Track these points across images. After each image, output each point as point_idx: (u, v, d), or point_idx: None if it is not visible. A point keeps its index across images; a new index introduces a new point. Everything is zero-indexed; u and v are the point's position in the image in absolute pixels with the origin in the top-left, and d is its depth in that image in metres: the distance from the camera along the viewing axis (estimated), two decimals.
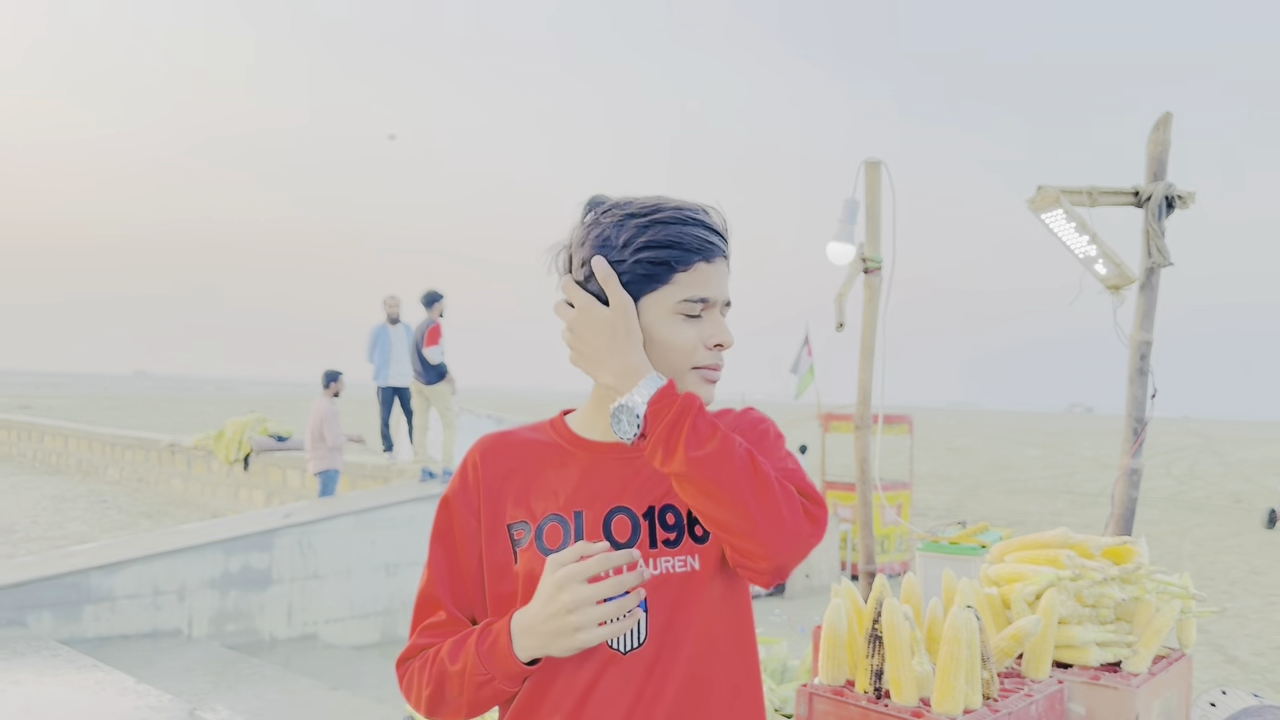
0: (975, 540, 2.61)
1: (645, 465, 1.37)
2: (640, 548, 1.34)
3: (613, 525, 1.35)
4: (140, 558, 7.59)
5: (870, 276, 3.01)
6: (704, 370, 1.36)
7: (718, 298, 1.35)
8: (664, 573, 1.33)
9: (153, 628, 7.52)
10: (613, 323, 1.30)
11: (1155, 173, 3.13)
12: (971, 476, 31.11)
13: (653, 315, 1.33)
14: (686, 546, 1.35)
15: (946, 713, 1.73)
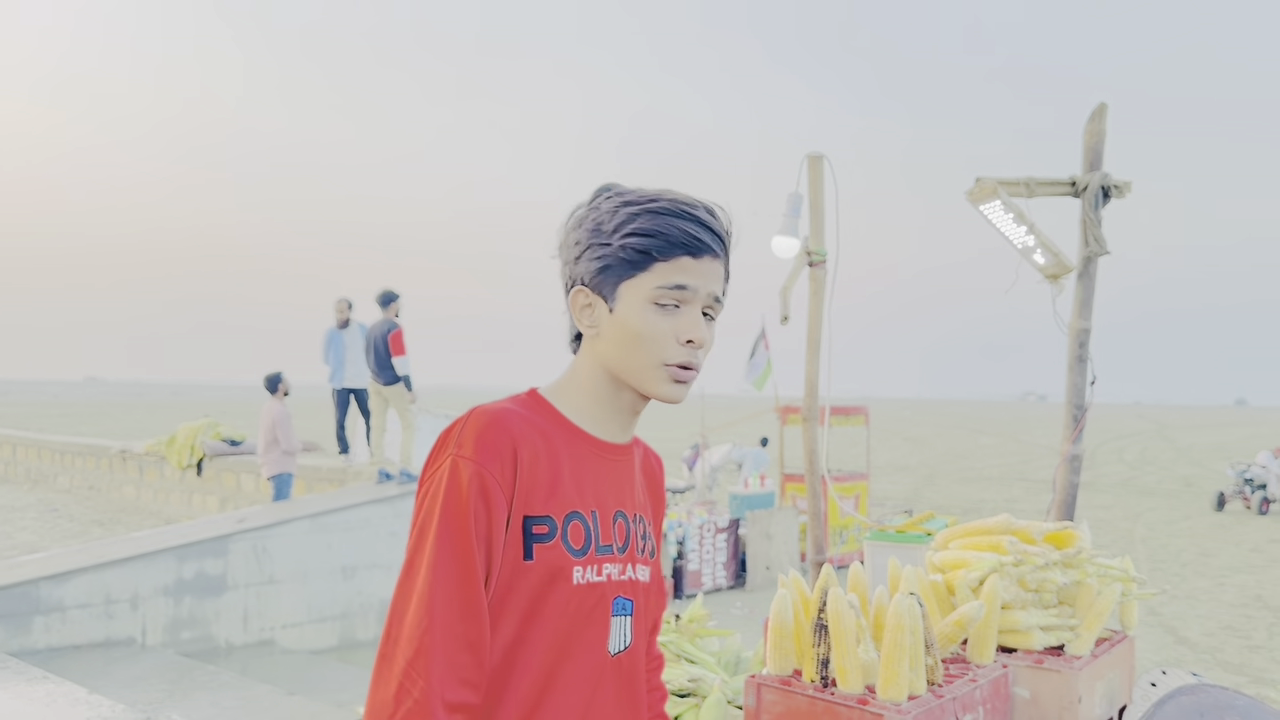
0: (921, 528, 2.65)
1: (628, 471, 1.40)
2: (631, 551, 1.36)
3: (616, 527, 1.35)
4: (91, 566, 7.45)
5: (815, 270, 3.04)
6: (673, 369, 1.30)
7: (698, 288, 1.29)
8: (643, 580, 1.39)
9: (105, 637, 7.39)
10: None
11: (1091, 163, 3.18)
12: (928, 466, 31.47)
13: (629, 302, 1.30)
14: (646, 557, 1.41)
15: (891, 699, 1.75)
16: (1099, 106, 3.14)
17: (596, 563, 1.30)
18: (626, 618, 1.34)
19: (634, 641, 1.35)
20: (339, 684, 6.93)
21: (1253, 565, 14.02)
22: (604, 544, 1.32)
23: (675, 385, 1.31)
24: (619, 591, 1.33)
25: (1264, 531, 17.68)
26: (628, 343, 1.30)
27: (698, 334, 1.30)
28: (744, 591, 11.34)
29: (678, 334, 1.29)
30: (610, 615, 1.31)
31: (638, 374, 1.31)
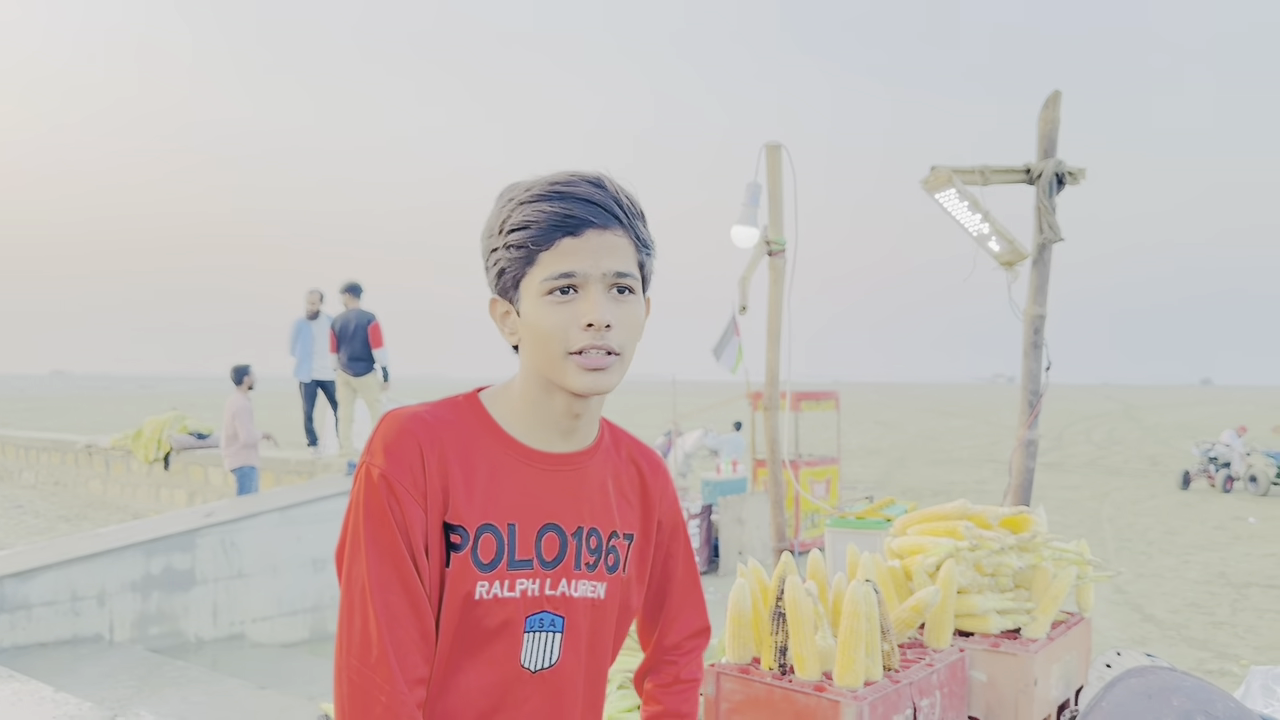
0: (881, 515, 2.67)
1: (574, 481, 1.33)
2: (565, 568, 1.29)
3: (543, 542, 1.28)
4: (57, 563, 7.37)
5: (774, 259, 3.04)
6: (579, 356, 1.23)
7: (588, 272, 1.22)
8: (582, 596, 1.32)
9: (72, 634, 7.32)
10: None
11: (1045, 150, 3.20)
12: (899, 449, 31.69)
13: (528, 300, 1.25)
14: (599, 573, 1.34)
15: (848, 685, 1.77)
16: (1053, 94, 3.15)
17: (508, 578, 1.25)
18: (554, 635, 1.28)
19: (563, 659, 1.29)
20: (310, 677, 6.90)
21: (1216, 543, 14.25)
22: (520, 559, 1.26)
23: (588, 374, 1.23)
24: (540, 608, 1.28)
25: (1228, 509, 17.97)
26: (537, 342, 1.25)
27: (595, 315, 1.22)
28: (717, 576, 11.39)
29: (576, 320, 1.22)
30: (524, 631, 1.27)
31: (552, 371, 1.25)
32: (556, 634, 1.29)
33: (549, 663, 1.28)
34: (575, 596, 1.30)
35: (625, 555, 1.38)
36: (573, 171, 1.26)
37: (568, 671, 1.30)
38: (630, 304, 1.26)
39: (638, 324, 1.28)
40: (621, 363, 1.26)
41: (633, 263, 1.26)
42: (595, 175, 1.26)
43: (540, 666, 1.28)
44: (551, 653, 1.29)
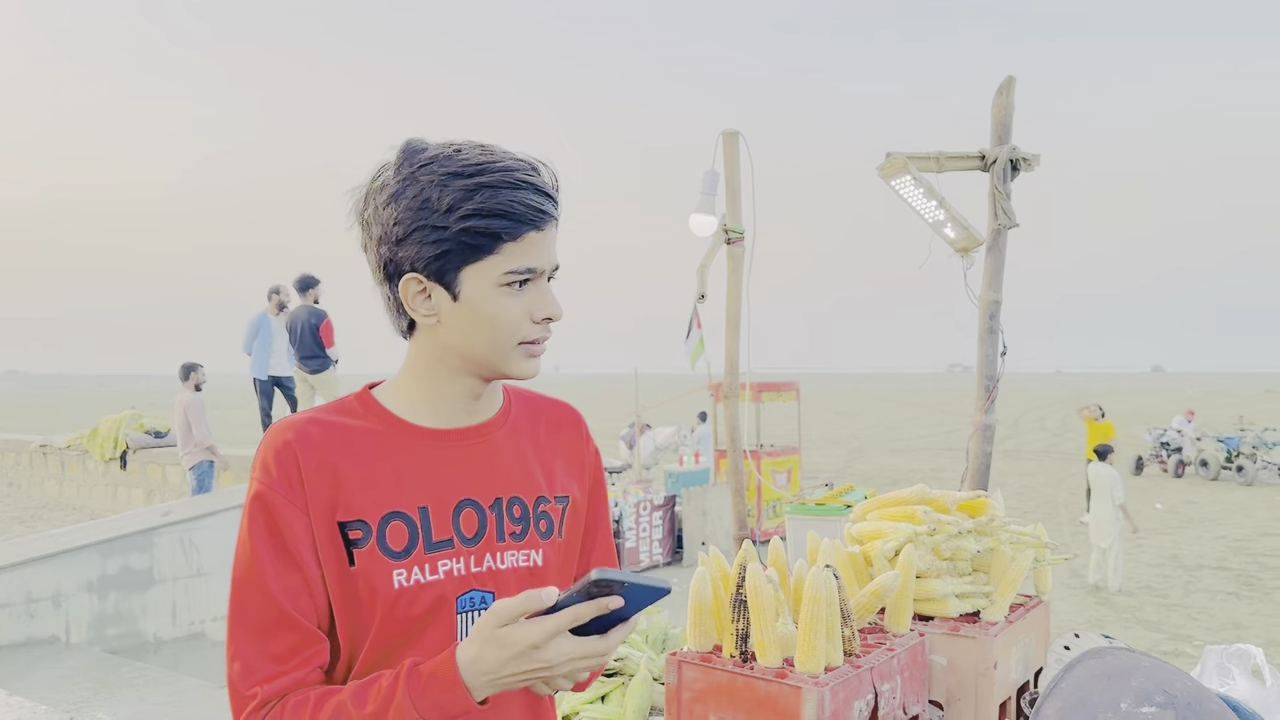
0: (840, 501, 2.68)
1: (484, 453, 1.31)
2: (487, 542, 1.27)
3: (461, 519, 1.26)
4: (10, 565, 7.25)
5: (733, 247, 3.05)
6: (529, 345, 1.25)
7: (545, 267, 1.24)
8: (511, 567, 1.29)
9: (27, 636, 7.21)
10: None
11: (1000, 136, 3.24)
12: (859, 438, 31.99)
13: (476, 287, 1.21)
14: (531, 540, 1.31)
15: (808, 671, 1.78)
16: (1006, 80, 3.19)
17: (428, 561, 1.23)
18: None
19: None
20: None
21: (1169, 526, 14.53)
22: (438, 540, 1.24)
23: (532, 360, 1.26)
24: (469, 586, 1.26)
25: (1179, 493, 18.33)
26: (478, 329, 1.23)
27: (554, 310, 1.25)
28: (680, 567, 11.43)
29: (532, 313, 1.24)
30: (455, 613, 1.25)
31: (491, 357, 1.25)
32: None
33: None
34: (503, 569, 1.28)
35: (560, 519, 1.37)
36: (512, 153, 1.23)
37: None
38: (556, 296, 1.29)
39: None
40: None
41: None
42: (539, 160, 1.25)
43: None
44: None
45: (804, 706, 1.74)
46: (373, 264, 1.26)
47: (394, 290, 1.25)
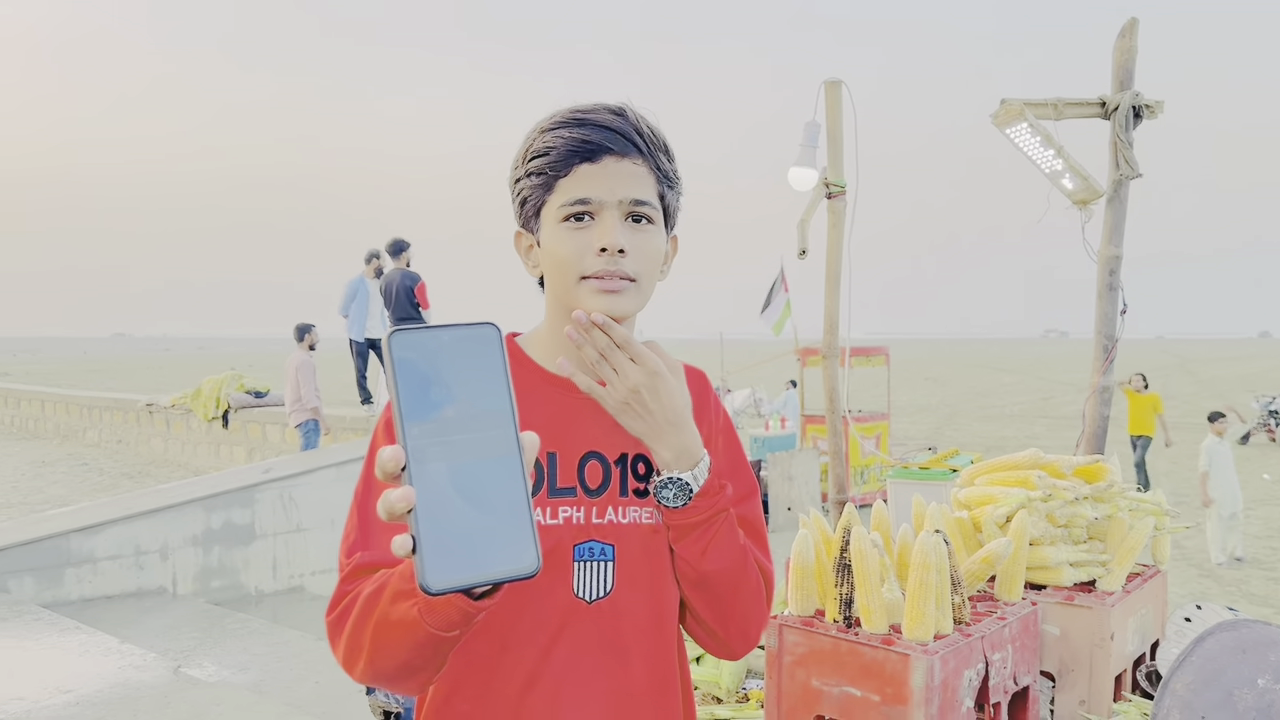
0: (946, 465, 2.59)
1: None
2: (610, 496, 1.27)
3: (586, 469, 1.27)
4: (120, 518, 7.54)
5: (834, 202, 2.92)
6: (594, 280, 1.22)
7: (604, 198, 1.22)
8: (632, 522, 1.27)
9: (137, 587, 7.50)
10: (683, 395, 1.22)
11: (1122, 82, 3.05)
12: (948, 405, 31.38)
13: (546, 229, 1.25)
14: (651, 500, 1.29)
15: (917, 639, 1.71)
16: (1129, 21, 3.00)
17: (550, 505, 1.24)
18: (604, 563, 1.25)
19: (618, 588, 1.26)
20: None
21: (1276, 497, 13.93)
22: (561, 487, 1.25)
23: (601, 295, 1.22)
24: (586, 536, 1.25)
25: None
26: (554, 270, 1.25)
27: (609, 240, 1.21)
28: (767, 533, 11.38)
29: (590, 245, 1.22)
30: (573, 560, 1.24)
31: (569, 297, 1.25)
32: (608, 562, 1.26)
33: (604, 592, 1.25)
34: (624, 523, 1.27)
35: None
36: (598, 101, 1.27)
37: (626, 602, 1.26)
38: (647, 234, 1.25)
39: (655, 254, 1.27)
40: (638, 290, 1.24)
41: (651, 192, 1.25)
42: (618, 104, 1.26)
43: (595, 596, 1.25)
44: (605, 582, 1.25)
45: (912, 674, 1.68)
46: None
47: (518, 251, 1.34)
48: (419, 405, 0.79)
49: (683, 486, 1.22)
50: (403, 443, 0.79)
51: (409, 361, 0.80)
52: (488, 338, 0.84)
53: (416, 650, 1.04)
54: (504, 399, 0.83)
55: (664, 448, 1.22)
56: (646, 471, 1.30)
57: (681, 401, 1.22)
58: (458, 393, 0.81)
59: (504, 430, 0.82)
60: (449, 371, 0.81)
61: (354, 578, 1.16)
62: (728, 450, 1.40)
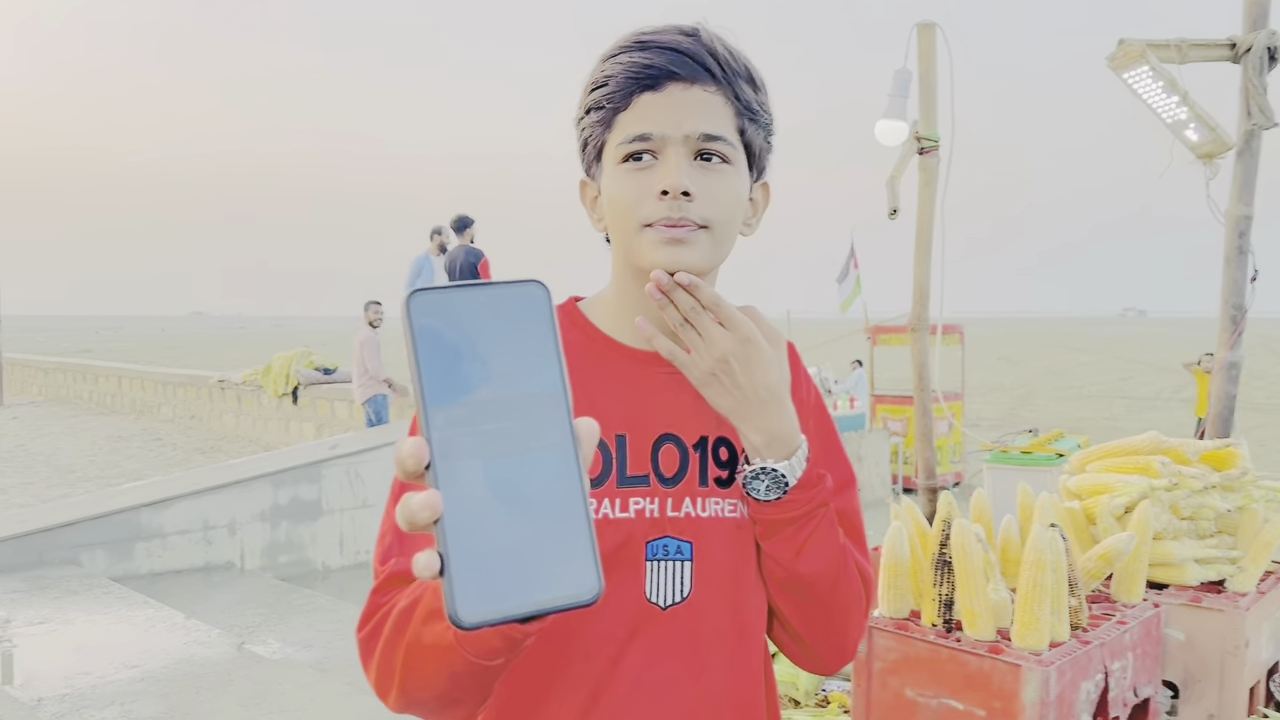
0: (1049, 449, 2.35)
1: (690, 383, 1.09)
2: (688, 485, 1.08)
3: (660, 455, 1.08)
4: (189, 493, 7.60)
5: (925, 158, 2.66)
6: (657, 228, 1.02)
7: (666, 132, 1.02)
8: (713, 516, 1.08)
9: (205, 562, 7.55)
10: (780, 370, 1.03)
11: (1255, 20, 2.74)
12: (1023, 385, 30.59)
13: (605, 172, 1.07)
14: (736, 490, 1.09)
15: (1029, 647, 1.51)
16: None
17: (619, 496, 1.05)
18: (681, 563, 1.06)
19: (696, 592, 1.07)
20: None
21: None
22: (632, 474, 1.06)
23: (664, 247, 1.02)
24: (662, 531, 1.06)
25: None
26: (615, 219, 1.06)
27: (670, 180, 1.00)
28: None
29: (651, 188, 1.02)
30: (645, 559, 1.05)
31: (631, 251, 1.05)
32: (685, 562, 1.07)
33: (680, 596, 1.06)
34: (704, 517, 1.08)
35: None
36: (669, 21, 1.06)
37: (705, 608, 1.07)
38: (720, 175, 1.04)
39: (731, 198, 1.05)
40: (711, 240, 1.04)
41: (727, 126, 1.04)
42: (691, 24, 1.05)
43: (671, 601, 1.06)
44: (682, 585, 1.07)
45: (1024, 687, 1.47)
46: None
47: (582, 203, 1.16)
48: (447, 386, 0.61)
49: (777, 478, 1.03)
50: (426, 434, 0.60)
51: (433, 330, 0.61)
52: (533, 299, 0.65)
53: (453, 680, 0.87)
54: (554, 377, 0.64)
55: (754, 430, 1.03)
56: (729, 458, 1.10)
57: (777, 376, 1.03)
58: (496, 369, 0.62)
59: (554, 417, 0.63)
60: (485, 343, 0.62)
61: (387, 588, 0.99)
62: (821, 433, 1.19)
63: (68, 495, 10.41)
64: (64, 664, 4.91)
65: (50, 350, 32.77)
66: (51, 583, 6.29)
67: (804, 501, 1.05)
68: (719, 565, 1.08)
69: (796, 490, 1.04)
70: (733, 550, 1.09)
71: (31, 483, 10.84)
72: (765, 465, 1.03)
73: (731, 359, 1.00)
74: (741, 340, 1.00)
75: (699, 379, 1.03)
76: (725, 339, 1.00)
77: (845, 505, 1.16)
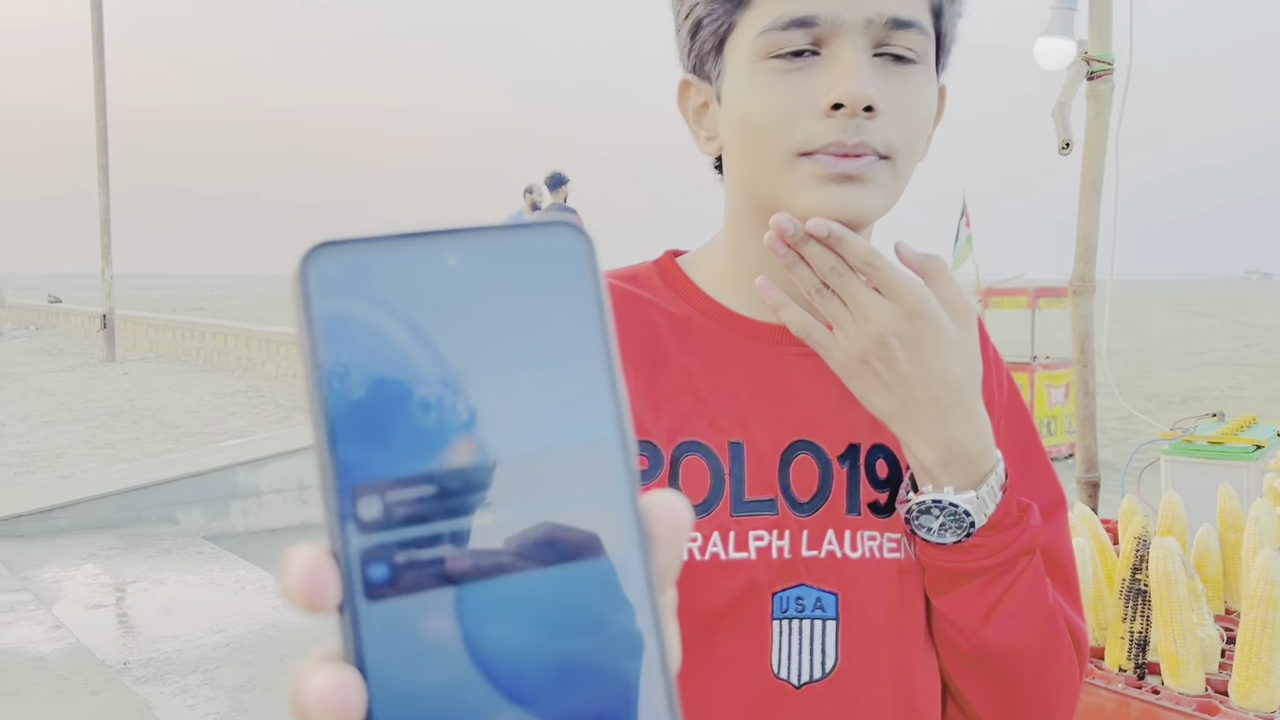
0: (1244, 439, 1.97)
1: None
2: (831, 512, 0.76)
3: (793, 470, 0.77)
4: (284, 453, 7.62)
5: (1096, 84, 2.24)
6: (820, 158, 0.71)
7: (840, 15, 0.69)
8: (867, 557, 0.77)
9: (300, 521, 7.58)
10: (969, 359, 0.71)
11: None
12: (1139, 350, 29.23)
13: (735, 75, 0.74)
14: (899, 520, 0.77)
15: (1256, 708, 1.17)
16: None
17: (734, 527, 0.75)
18: (823, 622, 0.75)
19: (844, 664, 0.75)
20: None
21: None
22: (753, 498, 0.76)
23: (830, 187, 0.71)
24: (795, 578, 0.76)
25: None
26: (745, 142, 0.75)
27: (849, 87, 0.69)
28: None
29: (811, 98, 0.70)
30: (770, 618, 0.75)
31: (774, 188, 0.73)
32: (827, 621, 0.76)
33: (821, 671, 0.75)
34: (853, 558, 0.77)
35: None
36: None
37: (856, 686, 0.76)
38: (912, 79, 0.72)
39: (924, 114, 0.74)
40: (892, 176, 0.73)
41: (921, 7, 0.72)
42: None
43: (808, 677, 0.75)
44: (824, 654, 0.75)
45: None
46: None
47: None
48: (381, 440, 0.28)
49: (957, 515, 0.71)
50: (337, 538, 0.28)
51: (356, 328, 0.29)
52: (563, 256, 0.32)
53: None
54: (602, 410, 0.30)
55: (924, 443, 0.71)
56: (890, 473, 0.79)
57: (963, 368, 0.71)
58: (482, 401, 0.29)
59: (602, 491, 0.29)
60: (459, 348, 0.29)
61: None
62: (1018, 437, 0.86)
63: (172, 451, 10.61)
64: (153, 626, 4.89)
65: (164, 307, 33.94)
66: (147, 540, 6.33)
67: (998, 547, 0.72)
68: (875, 625, 0.77)
69: (986, 532, 0.72)
70: (895, 604, 0.77)
71: (138, 438, 11.08)
72: (940, 497, 0.71)
73: (893, 340, 0.68)
74: (909, 314, 0.68)
75: (844, 367, 0.71)
76: (884, 312, 0.68)
77: (1053, 540, 0.82)
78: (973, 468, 0.72)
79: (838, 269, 0.69)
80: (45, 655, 4.24)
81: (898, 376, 0.69)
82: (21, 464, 8.96)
